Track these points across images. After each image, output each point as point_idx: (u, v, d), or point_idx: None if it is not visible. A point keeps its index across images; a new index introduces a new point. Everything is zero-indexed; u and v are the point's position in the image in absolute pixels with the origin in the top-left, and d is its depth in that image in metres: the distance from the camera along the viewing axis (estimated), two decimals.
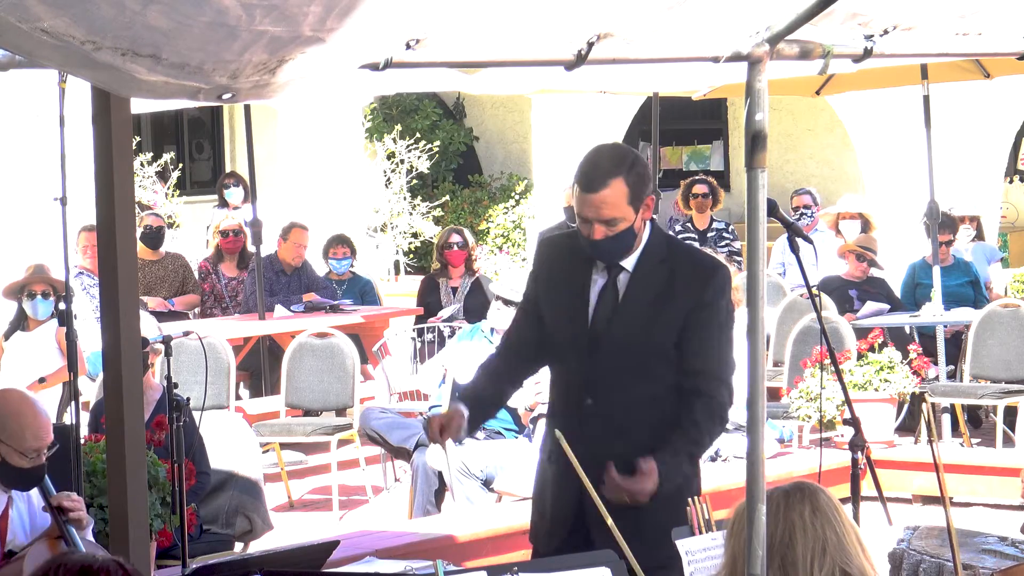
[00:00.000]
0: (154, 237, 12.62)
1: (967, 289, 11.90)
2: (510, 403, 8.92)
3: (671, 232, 13.69)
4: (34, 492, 5.58)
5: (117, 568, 3.41)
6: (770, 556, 3.75)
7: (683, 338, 4.95)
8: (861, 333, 10.47)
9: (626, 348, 4.96)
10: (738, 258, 13.24)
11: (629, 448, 4.93)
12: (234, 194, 14.02)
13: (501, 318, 8.98)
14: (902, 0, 4.22)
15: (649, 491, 4.80)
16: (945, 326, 11.40)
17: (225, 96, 3.31)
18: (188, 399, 6.57)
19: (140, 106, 9.85)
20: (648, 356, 4.96)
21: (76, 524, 5.40)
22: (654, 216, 5.13)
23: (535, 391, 8.76)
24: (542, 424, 8.88)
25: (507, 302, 9.01)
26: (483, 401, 5.24)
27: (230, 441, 8.09)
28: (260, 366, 12.33)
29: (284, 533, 8.73)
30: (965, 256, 12.54)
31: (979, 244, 13.31)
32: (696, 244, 13.08)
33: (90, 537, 5.54)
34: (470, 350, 9.11)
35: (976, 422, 11.64)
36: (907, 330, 11.56)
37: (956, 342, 11.70)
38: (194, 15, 2.95)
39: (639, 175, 4.96)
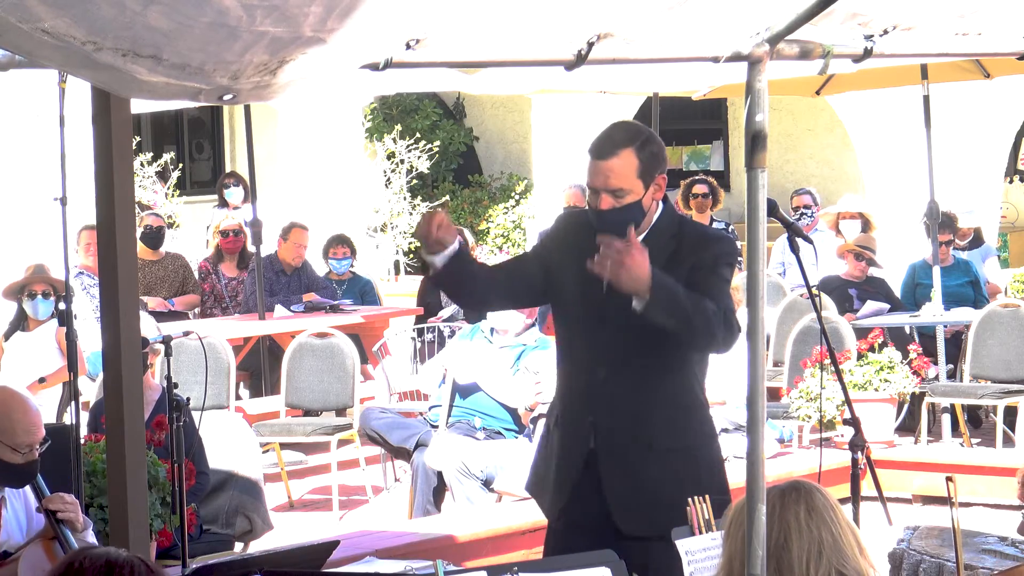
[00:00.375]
0: (154, 237, 12.62)
1: (967, 289, 11.90)
2: (510, 403, 8.97)
3: None
4: (31, 493, 5.58)
5: (140, 563, 3.42)
6: (767, 558, 3.74)
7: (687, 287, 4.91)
8: (861, 333, 10.47)
9: (632, 320, 4.89)
10: (738, 258, 13.22)
11: (638, 421, 4.95)
12: (234, 194, 14.02)
13: (500, 318, 8.99)
14: (902, 0, 4.22)
15: (634, 255, 4.68)
16: (945, 326, 11.40)
17: (226, 97, 3.31)
18: (188, 399, 6.57)
19: (140, 106, 9.85)
20: (654, 328, 4.90)
21: (69, 526, 5.39)
22: (667, 195, 5.12)
23: (535, 391, 8.76)
24: (542, 424, 8.89)
25: None
26: (467, 265, 5.14)
27: (230, 441, 8.09)
28: (260, 366, 12.32)
29: (284, 533, 8.73)
30: (963, 255, 12.54)
31: (982, 246, 13.31)
32: None
33: (91, 538, 5.53)
34: (469, 350, 9.12)
35: (976, 422, 11.63)
36: (907, 330, 11.56)
37: (956, 342, 11.70)
38: (195, 16, 2.95)
39: (652, 153, 4.97)
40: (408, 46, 3.81)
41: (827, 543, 3.69)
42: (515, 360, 8.97)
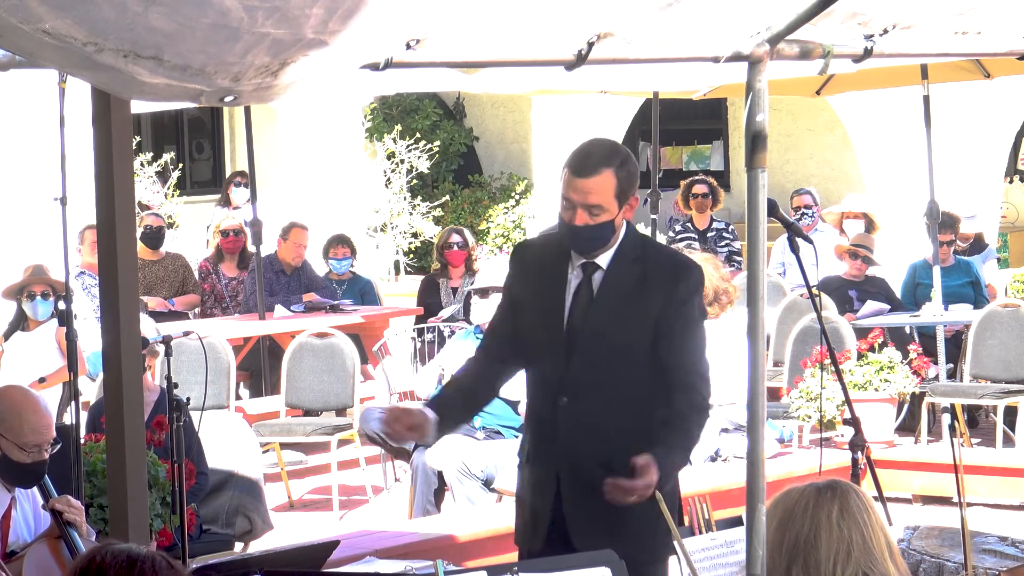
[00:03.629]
0: (154, 237, 12.62)
1: (967, 289, 11.90)
2: (512, 398, 8.98)
3: (671, 232, 13.70)
4: (39, 494, 5.58)
5: (162, 560, 3.43)
6: (794, 554, 3.71)
7: (659, 335, 4.93)
8: (861, 333, 10.47)
9: (601, 347, 4.94)
10: (738, 258, 13.24)
11: (606, 447, 4.93)
12: (239, 193, 14.01)
13: (479, 312, 9.05)
14: (902, 0, 4.23)
15: (652, 484, 4.73)
16: (945, 326, 11.40)
17: (227, 99, 3.31)
18: (188, 399, 6.57)
19: (140, 106, 9.85)
20: (623, 355, 4.94)
21: (74, 527, 5.39)
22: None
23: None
24: None
25: (481, 294, 9.09)
26: (452, 409, 5.18)
27: (230, 441, 8.09)
28: (260, 366, 12.32)
29: (284, 533, 8.73)
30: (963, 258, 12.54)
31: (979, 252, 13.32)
32: (696, 244, 13.07)
33: (93, 540, 5.53)
34: (464, 350, 9.13)
35: (972, 422, 11.63)
36: (907, 330, 11.55)
37: (956, 342, 11.70)
38: (196, 17, 2.95)
39: (629, 172, 4.98)
40: (408, 46, 3.82)
41: (856, 544, 3.67)
42: None
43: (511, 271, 5.28)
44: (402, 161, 18.35)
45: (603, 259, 5.01)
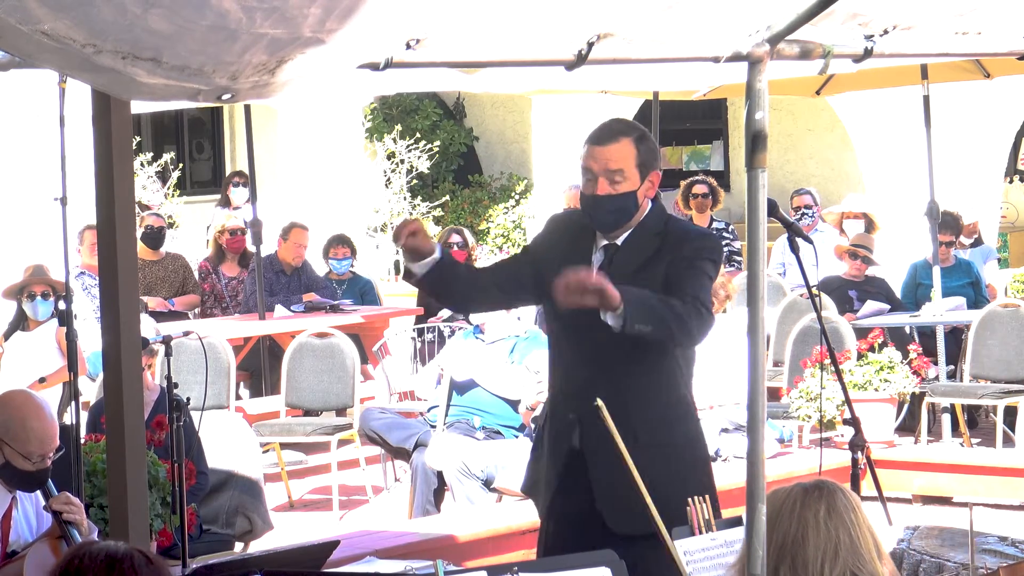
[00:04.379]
0: (155, 237, 12.62)
1: (968, 290, 11.89)
2: (512, 397, 8.98)
3: None
4: (40, 493, 5.58)
5: (141, 556, 3.40)
6: (782, 554, 3.72)
7: (665, 286, 4.95)
8: (861, 333, 10.47)
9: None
10: (738, 258, 13.24)
11: (622, 420, 4.94)
12: (238, 193, 14.01)
13: (483, 314, 9.07)
14: (902, 0, 4.23)
15: (604, 288, 4.67)
16: (944, 326, 11.40)
17: (225, 96, 3.31)
18: (188, 399, 6.57)
19: (140, 106, 9.86)
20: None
21: (75, 526, 5.39)
22: (659, 193, 5.15)
23: (537, 390, 8.77)
24: None
25: None
26: (451, 270, 5.15)
27: (230, 441, 8.09)
28: (260, 366, 12.32)
29: (284, 533, 8.73)
30: (963, 255, 12.53)
31: (980, 247, 13.31)
32: None
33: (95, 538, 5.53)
34: (463, 350, 9.14)
35: (972, 422, 11.63)
36: (907, 330, 11.55)
37: (956, 341, 11.69)
38: (195, 19, 2.95)
39: (649, 148, 5.03)
40: (408, 46, 3.82)
41: (844, 544, 3.68)
42: (508, 353, 9.01)
43: (542, 232, 5.31)
44: (402, 161, 18.36)
45: (622, 238, 5.05)
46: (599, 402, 4.58)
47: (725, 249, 13.29)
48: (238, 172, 14.95)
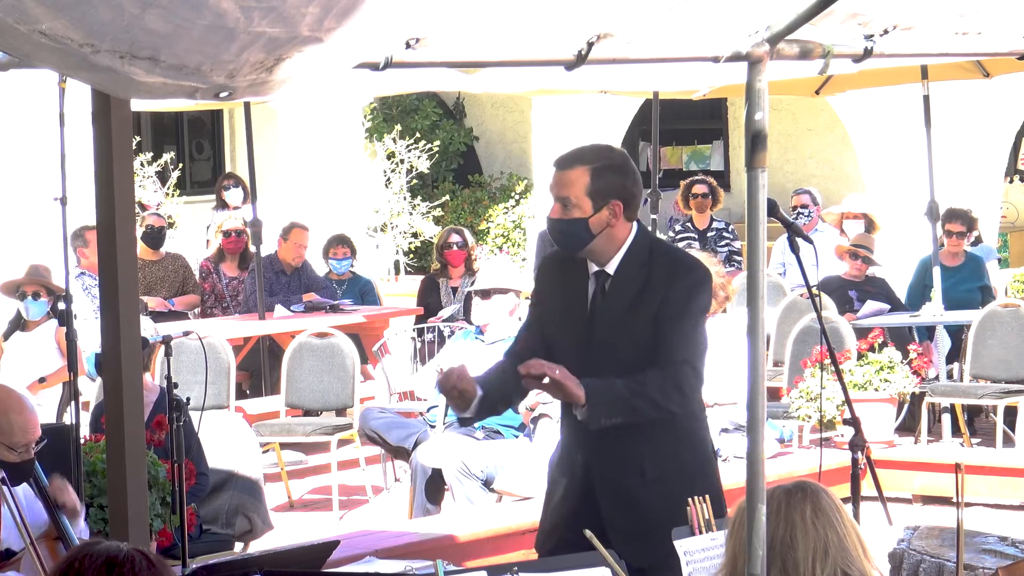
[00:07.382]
0: (155, 237, 12.62)
1: (975, 295, 11.77)
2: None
3: (671, 232, 13.70)
4: (29, 491, 5.58)
5: (141, 558, 3.39)
6: (771, 557, 3.74)
7: (656, 331, 4.97)
8: (861, 333, 10.46)
9: (612, 352, 5.00)
10: (738, 258, 13.23)
11: (626, 453, 4.98)
12: (233, 195, 14.01)
13: (480, 313, 9.05)
14: (902, 0, 4.22)
15: (567, 380, 4.80)
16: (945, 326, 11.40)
17: (222, 94, 3.31)
18: (188, 399, 6.56)
19: (140, 106, 9.85)
20: (632, 358, 4.98)
21: (70, 515, 5.41)
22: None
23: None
24: (543, 424, 8.89)
25: (482, 295, 9.10)
26: (493, 392, 5.21)
27: (230, 441, 8.09)
28: (260, 366, 12.32)
29: (284, 533, 8.72)
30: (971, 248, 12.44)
31: (979, 245, 13.29)
32: (696, 244, 13.08)
33: (83, 526, 5.55)
34: (464, 350, 9.13)
35: (972, 422, 11.61)
36: (908, 330, 11.54)
37: (956, 340, 11.68)
38: (193, 18, 2.95)
39: (609, 177, 4.99)
40: (408, 46, 3.82)
41: (832, 543, 3.69)
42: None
43: (537, 281, 5.38)
44: (402, 161, 18.35)
45: (611, 266, 5.07)
46: (588, 532, 4.50)
47: (725, 249, 13.29)
48: (228, 174, 15.00)
